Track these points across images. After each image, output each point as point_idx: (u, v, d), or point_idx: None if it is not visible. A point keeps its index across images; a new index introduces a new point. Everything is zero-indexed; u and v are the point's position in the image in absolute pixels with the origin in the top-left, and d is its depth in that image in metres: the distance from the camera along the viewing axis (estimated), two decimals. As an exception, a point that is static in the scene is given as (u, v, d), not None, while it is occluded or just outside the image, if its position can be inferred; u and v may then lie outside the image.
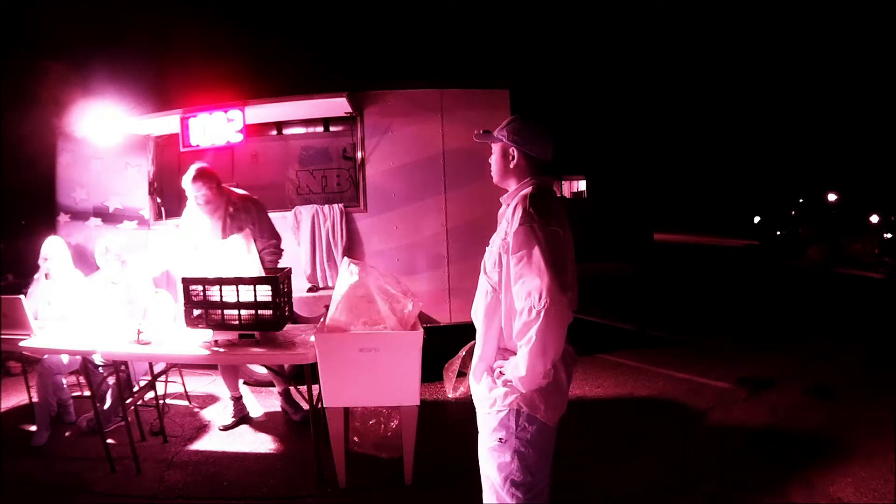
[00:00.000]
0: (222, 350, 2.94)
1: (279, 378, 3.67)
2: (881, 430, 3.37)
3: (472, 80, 4.78)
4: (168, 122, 4.67)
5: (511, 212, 1.76)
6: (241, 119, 4.50)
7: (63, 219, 4.90)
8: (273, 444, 3.48)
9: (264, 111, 4.77)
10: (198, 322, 2.95)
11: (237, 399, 3.78)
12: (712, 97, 31.73)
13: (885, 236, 18.97)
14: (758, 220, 28.74)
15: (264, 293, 2.88)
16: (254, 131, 4.96)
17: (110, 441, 3.24)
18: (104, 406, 3.53)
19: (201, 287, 2.92)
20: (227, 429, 3.66)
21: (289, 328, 3.15)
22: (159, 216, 4.89)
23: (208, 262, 3.04)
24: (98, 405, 3.20)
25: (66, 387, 3.72)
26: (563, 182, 16.04)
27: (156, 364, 3.48)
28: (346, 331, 2.78)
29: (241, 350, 2.95)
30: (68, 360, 3.53)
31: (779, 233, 23.22)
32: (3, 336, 3.20)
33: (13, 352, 3.27)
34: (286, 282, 3.14)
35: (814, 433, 3.48)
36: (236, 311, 2.90)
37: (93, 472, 3.06)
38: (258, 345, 2.94)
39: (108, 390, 3.60)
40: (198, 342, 2.98)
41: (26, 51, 7.99)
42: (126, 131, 4.77)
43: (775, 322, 6.93)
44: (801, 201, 28.69)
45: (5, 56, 8.05)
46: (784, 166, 31.48)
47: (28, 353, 3.19)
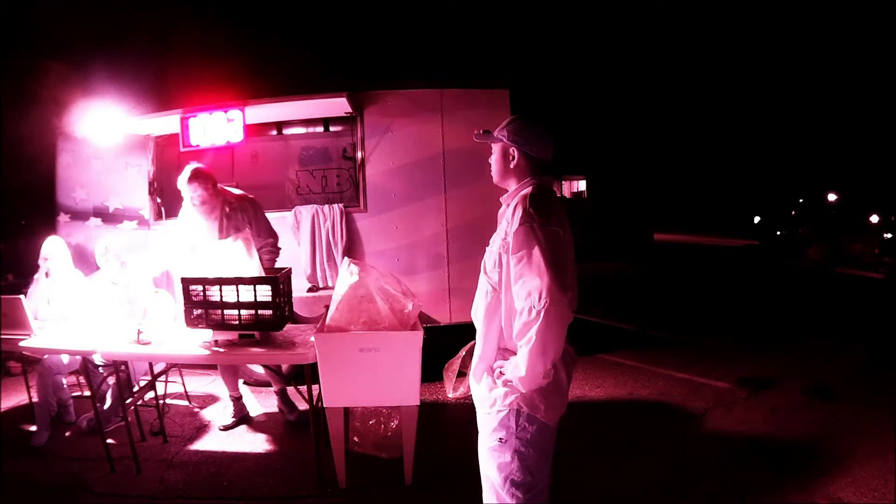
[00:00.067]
0: (222, 350, 2.94)
1: (276, 377, 3.67)
2: (881, 430, 3.37)
3: (472, 80, 4.79)
4: (168, 122, 4.67)
5: (511, 212, 1.76)
6: (241, 119, 4.51)
7: (63, 219, 4.90)
8: (273, 444, 3.48)
9: (264, 111, 4.77)
10: (198, 322, 2.95)
11: (237, 399, 3.78)
12: (712, 97, 31.75)
13: (885, 236, 19.01)
14: (758, 220, 28.78)
15: (264, 293, 2.88)
16: (254, 131, 4.95)
17: (110, 441, 3.24)
18: (104, 406, 3.53)
19: (201, 287, 2.92)
20: (227, 429, 3.66)
21: (289, 328, 3.15)
22: (159, 216, 4.89)
23: (207, 263, 3.04)
24: (98, 405, 3.20)
25: (66, 387, 3.72)
26: (563, 182, 16.06)
27: (156, 364, 3.48)
28: (346, 331, 2.78)
29: (241, 350, 2.95)
30: (68, 360, 3.53)
31: (779, 233, 23.26)
32: (3, 336, 3.20)
33: (13, 352, 3.27)
34: (286, 282, 3.14)
35: (814, 433, 3.48)
36: (236, 311, 2.90)
37: (93, 472, 3.06)
38: (258, 345, 2.94)
39: (108, 390, 3.61)
40: (198, 342, 2.98)
41: (26, 51, 7.99)
42: (126, 131, 4.77)
43: (775, 322, 6.92)
44: (801, 201, 28.74)
45: (5, 56, 8.04)
46: (784, 166, 31.51)
47: (28, 353, 3.19)
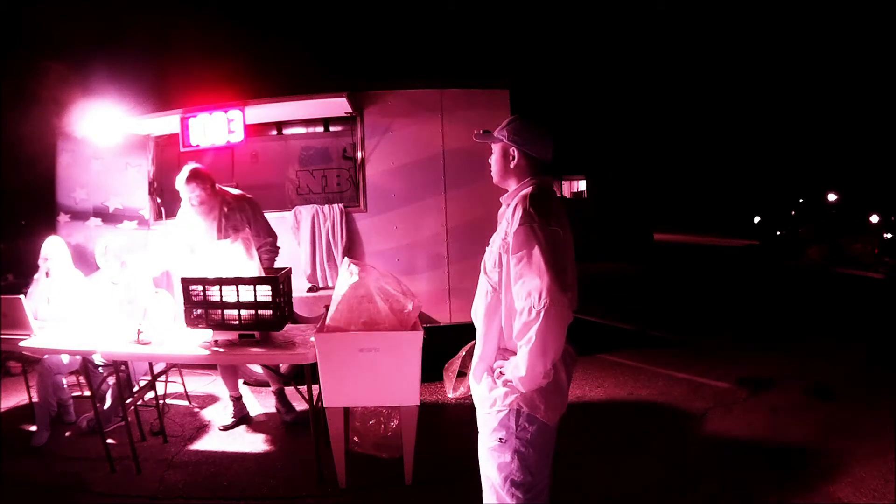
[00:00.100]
0: (222, 350, 2.94)
1: (274, 377, 3.68)
2: (881, 430, 3.37)
3: (472, 80, 4.79)
4: (168, 122, 4.67)
5: (511, 212, 1.76)
6: (241, 119, 4.50)
7: (63, 219, 4.90)
8: (273, 444, 3.48)
9: (264, 111, 4.77)
10: (198, 322, 2.95)
11: (237, 399, 3.77)
12: (712, 97, 31.76)
13: (885, 236, 19.02)
14: (758, 220, 28.79)
15: (264, 293, 2.88)
16: (254, 131, 4.95)
17: (110, 441, 3.24)
18: (104, 406, 3.53)
19: (201, 287, 2.92)
20: (227, 429, 3.66)
21: (289, 328, 3.15)
22: (159, 216, 4.89)
23: (207, 264, 3.04)
24: (98, 405, 3.20)
25: (66, 387, 3.72)
26: (563, 182, 16.07)
27: (156, 364, 3.48)
28: (346, 331, 2.78)
29: (241, 350, 2.95)
30: (68, 360, 3.52)
31: (779, 233, 23.27)
32: (3, 336, 3.20)
33: (13, 352, 3.27)
34: (286, 282, 3.14)
35: (814, 433, 3.48)
36: (236, 311, 2.90)
37: (93, 472, 3.06)
38: (258, 345, 2.94)
39: (108, 390, 3.60)
40: (198, 342, 2.98)
41: (26, 51, 7.99)
42: (126, 131, 4.77)
43: (775, 322, 6.92)
44: (801, 201, 28.76)
45: (5, 56, 8.04)
46: (784, 166, 31.51)
47: (28, 353, 3.19)
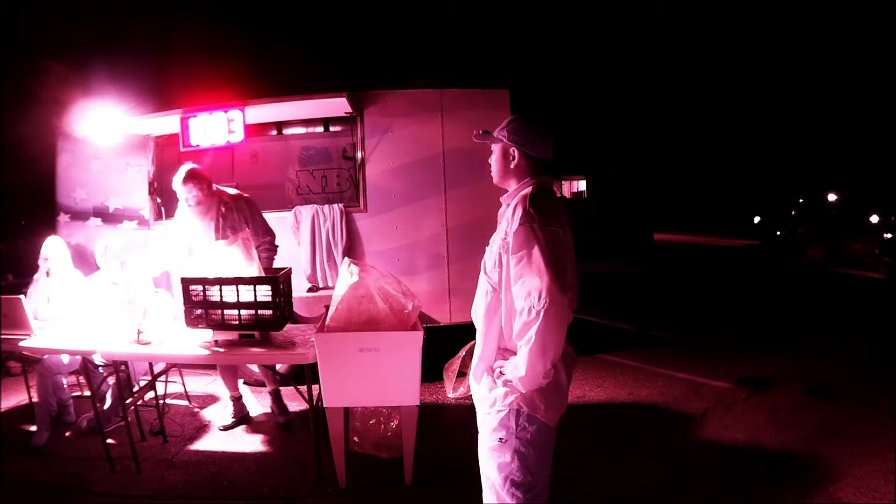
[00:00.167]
0: (222, 350, 2.94)
1: (271, 378, 3.68)
2: (881, 430, 3.37)
3: (472, 80, 4.79)
4: (168, 122, 4.67)
5: (511, 212, 1.76)
6: (241, 119, 4.50)
7: (63, 219, 4.90)
8: (273, 444, 3.48)
9: (264, 111, 4.77)
10: (198, 322, 2.95)
11: (237, 399, 3.78)
12: (712, 97, 31.76)
13: (885, 236, 19.02)
14: (758, 220, 28.78)
15: (264, 293, 2.88)
16: (254, 131, 4.95)
17: (110, 441, 3.24)
18: (104, 406, 3.53)
19: (201, 287, 2.92)
20: (227, 429, 3.66)
21: (289, 328, 3.15)
22: (159, 216, 4.89)
23: (205, 264, 3.04)
24: (98, 405, 3.20)
25: (66, 387, 3.72)
26: (563, 182, 16.06)
27: (156, 364, 3.48)
28: (346, 331, 2.78)
29: (241, 350, 2.95)
30: (68, 360, 3.52)
31: (779, 233, 23.26)
32: (3, 336, 3.20)
33: (13, 352, 3.27)
34: (286, 282, 3.13)
35: (814, 433, 3.48)
36: (236, 311, 2.90)
37: (93, 472, 3.06)
38: (258, 345, 2.94)
39: (108, 390, 3.60)
40: (198, 342, 2.98)
41: (26, 51, 7.99)
42: (126, 131, 4.77)
43: (775, 322, 6.93)
44: (801, 201, 28.77)
45: (5, 56, 8.05)
46: (784, 166, 31.51)
47: (28, 353, 3.19)
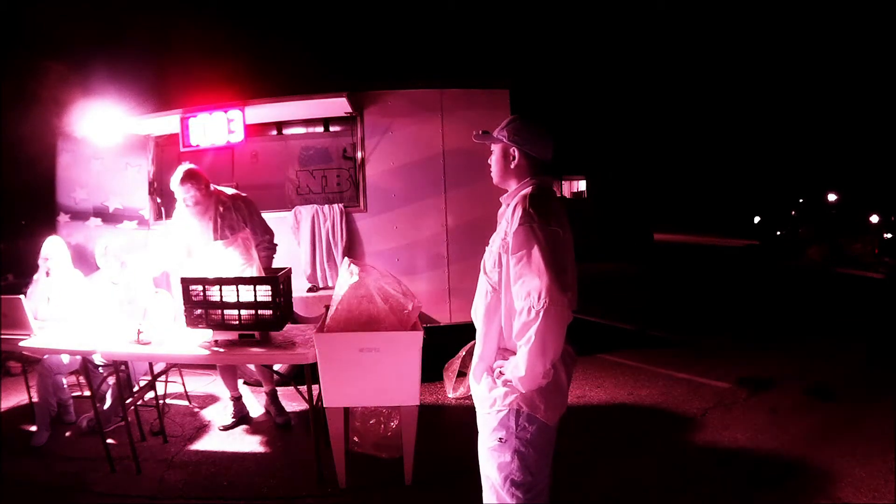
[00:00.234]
0: (222, 350, 2.94)
1: (268, 378, 3.68)
2: (881, 430, 3.38)
3: (472, 80, 4.79)
4: (168, 122, 4.67)
5: (511, 212, 1.76)
6: (241, 119, 4.50)
7: (63, 219, 4.90)
8: (273, 444, 3.48)
9: (264, 111, 4.77)
10: (198, 322, 2.95)
11: (237, 399, 3.78)
12: (712, 97, 31.78)
13: (885, 236, 19.04)
14: (758, 220, 28.80)
15: (264, 293, 2.88)
16: (254, 131, 4.95)
17: (110, 441, 3.24)
18: (104, 406, 3.53)
19: (201, 287, 2.92)
20: (227, 429, 3.66)
21: (289, 328, 3.15)
22: (159, 216, 4.89)
23: (205, 265, 3.03)
24: (98, 405, 3.19)
25: (66, 387, 3.71)
26: (563, 182, 16.06)
27: (156, 364, 3.48)
28: (346, 331, 2.78)
29: (241, 350, 2.95)
30: (68, 360, 3.52)
31: (779, 233, 23.28)
32: (3, 336, 3.20)
33: (13, 352, 3.27)
34: (286, 282, 3.14)
35: (814, 433, 3.48)
36: (236, 311, 2.90)
37: (93, 472, 3.06)
38: (258, 345, 2.94)
39: (108, 390, 3.60)
40: (198, 342, 2.98)
41: (26, 51, 8.00)
42: (126, 131, 4.77)
43: (775, 322, 6.93)
44: (801, 201, 28.78)
45: (5, 56, 8.05)
46: (784, 166, 31.52)
47: (28, 353, 3.19)
